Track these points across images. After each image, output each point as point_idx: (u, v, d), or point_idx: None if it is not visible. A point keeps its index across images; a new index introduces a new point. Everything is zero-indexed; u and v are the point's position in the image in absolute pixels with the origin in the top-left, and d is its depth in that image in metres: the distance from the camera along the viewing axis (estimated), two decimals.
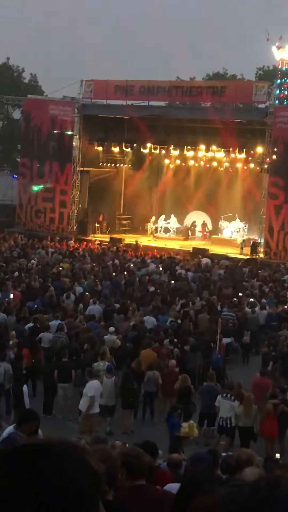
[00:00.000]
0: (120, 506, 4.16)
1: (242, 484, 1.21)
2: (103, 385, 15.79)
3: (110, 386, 15.89)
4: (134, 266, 30.58)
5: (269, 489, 1.08)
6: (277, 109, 36.08)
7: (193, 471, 3.61)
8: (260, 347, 21.96)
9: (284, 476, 1.12)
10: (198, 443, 15.15)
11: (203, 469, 3.62)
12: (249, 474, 5.23)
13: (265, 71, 62.89)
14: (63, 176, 41.23)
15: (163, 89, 38.63)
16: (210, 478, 3.23)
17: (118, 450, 8.38)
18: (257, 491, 1.09)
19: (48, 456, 1.32)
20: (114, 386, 15.90)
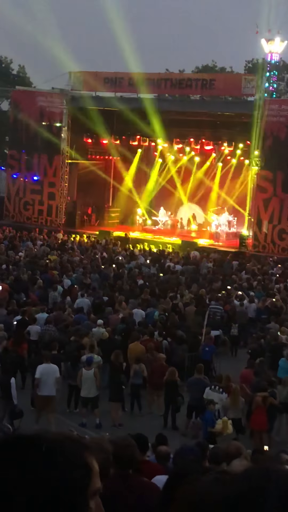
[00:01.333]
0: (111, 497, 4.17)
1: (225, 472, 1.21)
2: (83, 378, 15.81)
3: (89, 378, 15.90)
4: (123, 259, 30.58)
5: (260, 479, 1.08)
6: (266, 102, 36.10)
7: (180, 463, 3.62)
8: (248, 340, 22.05)
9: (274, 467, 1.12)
10: (186, 435, 15.23)
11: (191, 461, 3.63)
12: (237, 465, 5.25)
13: (254, 64, 62.90)
14: (52, 168, 41.13)
15: (152, 81, 38.57)
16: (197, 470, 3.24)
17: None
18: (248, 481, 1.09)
19: (40, 447, 1.31)
20: (93, 378, 15.87)
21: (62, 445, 1.35)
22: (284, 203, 34.89)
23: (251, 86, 35.77)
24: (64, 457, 1.32)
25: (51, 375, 15.13)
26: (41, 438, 1.34)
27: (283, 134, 34.80)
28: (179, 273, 28.11)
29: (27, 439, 1.33)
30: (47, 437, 1.35)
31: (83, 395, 15.97)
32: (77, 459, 1.34)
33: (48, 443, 1.33)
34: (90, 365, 16.02)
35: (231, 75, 49.69)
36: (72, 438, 1.40)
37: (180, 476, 3.23)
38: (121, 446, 4.89)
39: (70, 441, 1.36)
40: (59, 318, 20.14)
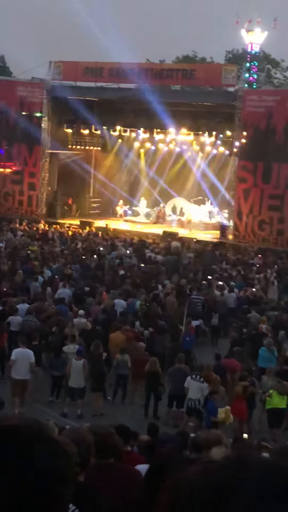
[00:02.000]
0: (90, 486, 4.21)
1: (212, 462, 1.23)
2: (72, 367, 15.89)
3: (78, 368, 15.94)
4: (104, 249, 30.53)
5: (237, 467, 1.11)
6: (246, 93, 36.13)
7: (162, 452, 3.67)
8: (229, 329, 22.15)
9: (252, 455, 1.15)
10: (167, 425, 15.31)
11: (172, 450, 3.68)
12: (216, 454, 5.31)
13: (235, 54, 62.90)
14: (32, 158, 40.88)
15: (133, 71, 38.41)
16: (179, 459, 3.30)
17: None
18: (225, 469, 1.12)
19: (19, 437, 1.31)
20: (82, 369, 15.94)
21: (41, 434, 1.35)
22: (264, 194, 35.01)
23: (231, 77, 35.74)
24: (43, 446, 1.32)
25: (25, 359, 15.38)
26: (20, 428, 1.34)
27: (263, 125, 34.86)
28: (160, 264, 28.13)
29: (6, 429, 1.34)
30: (26, 427, 1.35)
31: (71, 385, 15.98)
32: (56, 447, 1.35)
33: (26, 433, 1.33)
34: (80, 356, 16.06)
35: (212, 66, 49.69)
36: (49, 427, 1.41)
37: (161, 465, 3.28)
38: (102, 435, 4.93)
39: (47, 430, 1.37)
40: (40, 309, 20.10)
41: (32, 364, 15.57)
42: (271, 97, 35.60)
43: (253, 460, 1.13)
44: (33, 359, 15.56)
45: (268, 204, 34.87)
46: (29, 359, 15.47)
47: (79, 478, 4.02)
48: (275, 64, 64.16)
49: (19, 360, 15.35)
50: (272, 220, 34.82)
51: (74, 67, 39.24)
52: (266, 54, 61.05)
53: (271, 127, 34.66)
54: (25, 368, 15.37)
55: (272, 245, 34.19)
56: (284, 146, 34.36)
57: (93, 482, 4.21)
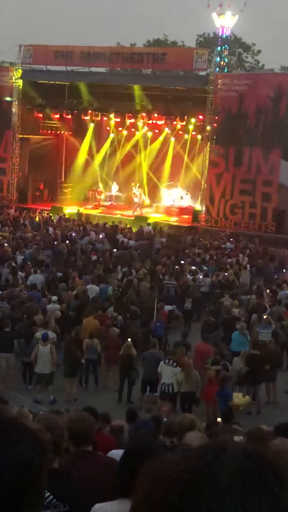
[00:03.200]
0: (66, 473, 4.19)
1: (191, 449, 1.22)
2: (39, 353, 15.87)
3: (46, 354, 15.94)
4: (76, 234, 30.45)
5: (216, 453, 1.10)
6: (218, 77, 36.11)
7: (136, 437, 3.66)
8: (201, 314, 22.27)
9: (230, 441, 1.14)
10: (140, 409, 15.37)
11: (147, 434, 3.67)
12: (191, 438, 5.32)
13: (206, 38, 62.86)
14: (2, 143, 40.49)
15: (104, 55, 38.20)
16: (154, 444, 3.28)
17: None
18: (204, 455, 1.11)
19: None
20: (50, 355, 15.93)
21: (15, 423, 1.34)
22: (236, 178, 35.13)
23: (202, 61, 35.67)
24: (19, 435, 1.31)
25: None
26: None
27: (235, 109, 34.91)
28: (132, 249, 28.14)
29: None
30: (1, 416, 1.34)
31: (38, 371, 16.02)
32: (31, 436, 1.34)
33: (1, 421, 1.33)
34: (45, 341, 16.03)
35: (183, 49, 49.53)
36: (23, 415, 1.40)
37: (139, 450, 3.27)
38: (75, 421, 4.90)
39: (22, 419, 1.36)
40: (12, 295, 20.01)
41: None
42: (242, 81, 35.62)
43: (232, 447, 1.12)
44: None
45: (240, 188, 35.00)
46: None
47: (53, 464, 4.00)
48: (247, 48, 64.28)
49: None
50: (244, 204, 34.97)
51: (44, 51, 38.88)
52: (237, 38, 61.16)
53: (242, 111, 34.73)
54: None
55: (244, 230, 34.36)
56: (256, 130, 34.48)
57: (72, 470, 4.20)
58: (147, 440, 3.40)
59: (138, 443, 3.45)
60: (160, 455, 1.27)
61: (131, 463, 3.15)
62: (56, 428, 4.18)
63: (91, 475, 4.42)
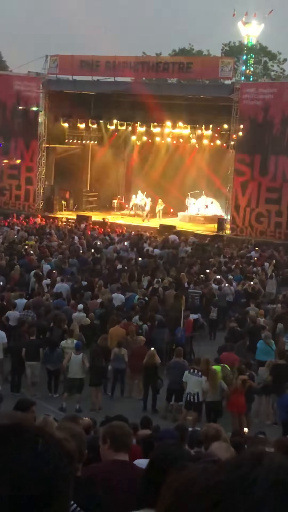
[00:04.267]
0: (89, 481, 4.19)
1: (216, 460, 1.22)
2: (71, 362, 15.94)
3: (77, 363, 15.98)
4: (101, 243, 30.52)
5: (251, 465, 1.09)
6: (243, 86, 36.05)
7: (161, 446, 3.65)
8: (227, 323, 22.16)
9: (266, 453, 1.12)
10: (166, 419, 15.33)
11: (172, 444, 3.66)
12: (216, 448, 5.30)
13: (231, 47, 62.80)
14: (29, 153, 40.82)
15: (129, 64, 38.35)
16: (179, 454, 3.28)
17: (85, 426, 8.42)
18: (238, 467, 1.10)
19: (21, 436, 1.30)
20: (82, 363, 15.99)
21: (42, 432, 1.35)
22: (262, 187, 34.99)
23: (228, 69, 35.66)
24: (46, 444, 1.31)
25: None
26: (22, 426, 1.33)
27: (260, 118, 34.82)
28: (157, 257, 28.12)
29: (9, 428, 1.32)
30: (27, 424, 1.34)
31: (70, 376, 16.08)
32: (58, 445, 1.34)
33: (28, 430, 1.33)
34: (78, 350, 16.10)
35: (208, 58, 49.56)
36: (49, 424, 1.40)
37: (163, 460, 3.26)
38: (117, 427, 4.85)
39: (48, 428, 1.36)
40: (38, 304, 20.09)
41: (5, 344, 16.83)
42: (268, 90, 35.53)
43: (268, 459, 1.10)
44: (5, 340, 16.86)
45: (266, 197, 34.85)
46: (1, 339, 16.65)
47: (76, 473, 4.00)
48: (272, 57, 64.06)
49: None
50: (270, 213, 34.80)
51: (70, 61, 39.15)
52: (263, 47, 61.00)
53: (268, 120, 34.62)
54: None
55: (270, 238, 34.18)
56: (281, 138, 34.32)
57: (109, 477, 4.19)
58: (172, 450, 3.40)
59: (162, 453, 3.44)
60: (183, 467, 1.25)
61: (156, 473, 3.15)
62: (77, 436, 4.17)
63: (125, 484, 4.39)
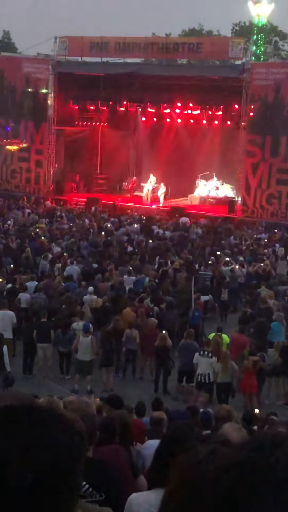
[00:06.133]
0: (101, 462, 4.21)
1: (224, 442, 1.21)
2: (80, 343, 16.02)
3: (86, 345, 16.07)
4: (112, 225, 30.52)
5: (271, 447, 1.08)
6: (254, 66, 35.76)
7: (172, 427, 3.66)
8: (238, 305, 22.17)
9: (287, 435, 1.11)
10: (177, 400, 15.40)
11: (182, 425, 3.67)
12: (227, 428, 5.31)
13: (241, 27, 62.29)
14: (39, 135, 40.75)
15: (139, 45, 38.10)
16: (190, 435, 3.28)
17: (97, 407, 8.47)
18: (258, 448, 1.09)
19: (32, 416, 1.31)
20: (90, 345, 16.06)
21: (53, 412, 1.35)
22: (273, 168, 34.80)
23: (238, 50, 35.36)
24: (57, 423, 1.32)
25: (6, 320, 16.72)
26: (32, 406, 1.34)
27: (271, 98, 34.57)
28: (168, 240, 28.11)
29: (19, 408, 1.33)
30: (38, 404, 1.35)
31: (79, 358, 16.18)
32: (69, 425, 1.35)
33: (39, 410, 1.34)
34: (86, 332, 16.17)
35: (218, 39, 49.13)
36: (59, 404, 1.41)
37: (174, 441, 3.27)
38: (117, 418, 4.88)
39: (58, 408, 1.37)
40: (49, 286, 20.16)
41: (14, 324, 16.97)
42: (279, 70, 35.26)
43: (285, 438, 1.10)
44: (15, 319, 17.05)
45: (277, 178, 34.68)
46: (11, 319, 16.89)
47: (87, 454, 4.02)
48: (283, 36, 63.49)
49: (1, 321, 16.60)
50: (281, 194, 34.65)
51: (80, 43, 38.93)
52: (273, 26, 60.44)
53: (279, 100, 34.36)
54: (7, 327, 16.58)
55: (281, 220, 34.06)
56: None
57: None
58: (183, 431, 3.40)
59: (173, 433, 3.45)
60: (192, 448, 1.26)
61: (166, 453, 3.16)
62: (88, 417, 4.19)
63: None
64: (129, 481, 4.30)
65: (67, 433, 1.31)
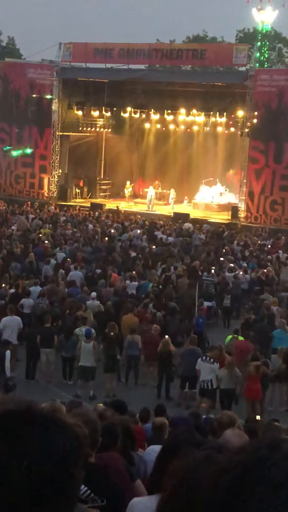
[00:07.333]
0: (103, 468, 4.22)
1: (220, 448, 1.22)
2: (82, 349, 16.00)
3: (88, 350, 16.05)
4: (115, 231, 30.53)
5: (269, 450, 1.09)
6: (258, 72, 35.80)
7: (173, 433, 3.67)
8: (241, 311, 22.14)
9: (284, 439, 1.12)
10: (179, 406, 15.38)
11: (183, 431, 3.68)
12: (229, 435, 5.31)
13: (246, 33, 62.34)
14: (43, 141, 40.82)
15: (143, 52, 38.17)
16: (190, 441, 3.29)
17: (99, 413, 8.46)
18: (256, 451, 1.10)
19: (31, 420, 1.31)
20: (92, 350, 16.05)
21: (52, 416, 1.36)
22: (276, 174, 34.81)
23: (242, 56, 35.42)
24: (56, 428, 1.32)
25: (13, 326, 16.83)
26: (32, 410, 1.35)
27: (274, 104, 34.59)
28: (171, 245, 28.10)
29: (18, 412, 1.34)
30: (37, 409, 1.36)
31: (81, 364, 16.16)
32: (68, 430, 1.35)
33: (38, 415, 1.34)
34: (89, 338, 16.15)
35: (222, 45, 49.18)
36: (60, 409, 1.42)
37: (173, 447, 3.28)
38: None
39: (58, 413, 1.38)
40: (53, 291, 20.17)
41: (20, 329, 17.07)
42: (282, 76, 35.27)
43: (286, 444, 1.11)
44: (21, 325, 17.12)
45: (280, 184, 34.68)
46: (17, 325, 16.95)
47: (90, 459, 4.03)
48: (287, 43, 63.52)
49: (7, 328, 16.69)
50: (284, 200, 34.64)
51: (84, 49, 39.02)
52: (277, 33, 60.50)
53: (282, 107, 34.39)
54: (14, 333, 16.72)
55: (284, 226, 34.05)
56: None
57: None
58: (184, 437, 3.41)
59: (174, 439, 3.46)
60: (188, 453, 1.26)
61: (167, 459, 3.17)
62: (91, 422, 4.19)
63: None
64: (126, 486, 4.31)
65: (65, 438, 1.32)
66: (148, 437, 8.51)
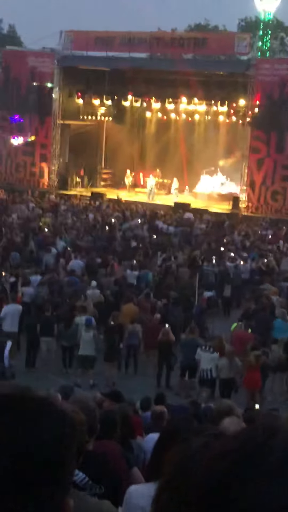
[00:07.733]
0: (101, 455, 4.22)
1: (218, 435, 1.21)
2: (82, 338, 16.03)
3: (88, 339, 16.07)
4: (116, 220, 30.51)
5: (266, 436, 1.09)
6: (259, 61, 35.68)
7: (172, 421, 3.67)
8: (241, 301, 22.16)
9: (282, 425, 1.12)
10: (179, 395, 15.42)
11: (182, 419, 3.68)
12: (228, 423, 5.31)
13: (247, 22, 62.07)
14: (43, 129, 40.70)
15: (144, 40, 38.00)
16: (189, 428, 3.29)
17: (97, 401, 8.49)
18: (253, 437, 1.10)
19: (24, 407, 1.30)
20: (92, 339, 16.07)
21: (46, 403, 1.34)
22: (278, 164, 34.73)
23: (244, 45, 35.27)
24: (49, 415, 1.31)
25: (14, 314, 16.95)
26: (25, 397, 1.33)
27: (276, 94, 34.47)
28: (172, 235, 28.09)
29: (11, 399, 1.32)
30: (30, 395, 1.34)
31: (81, 353, 16.20)
32: (62, 417, 1.33)
33: (31, 401, 1.32)
34: (89, 327, 16.17)
35: (224, 34, 49.06)
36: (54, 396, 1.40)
37: (171, 434, 3.27)
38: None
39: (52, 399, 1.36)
40: (53, 280, 20.18)
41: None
42: (284, 66, 35.17)
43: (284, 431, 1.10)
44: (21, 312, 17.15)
45: (282, 174, 34.61)
46: (18, 312, 17.08)
47: (88, 446, 4.02)
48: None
49: (8, 316, 16.80)
50: (286, 190, 34.58)
51: (85, 37, 38.85)
52: (280, 22, 60.20)
53: (284, 96, 34.27)
54: (15, 321, 16.85)
55: (285, 216, 34.00)
56: None
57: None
58: (182, 424, 3.41)
59: (172, 427, 3.46)
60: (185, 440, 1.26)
61: (165, 446, 3.17)
62: (89, 410, 4.19)
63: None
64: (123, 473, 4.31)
65: (59, 423, 1.30)
66: (147, 425, 8.53)
